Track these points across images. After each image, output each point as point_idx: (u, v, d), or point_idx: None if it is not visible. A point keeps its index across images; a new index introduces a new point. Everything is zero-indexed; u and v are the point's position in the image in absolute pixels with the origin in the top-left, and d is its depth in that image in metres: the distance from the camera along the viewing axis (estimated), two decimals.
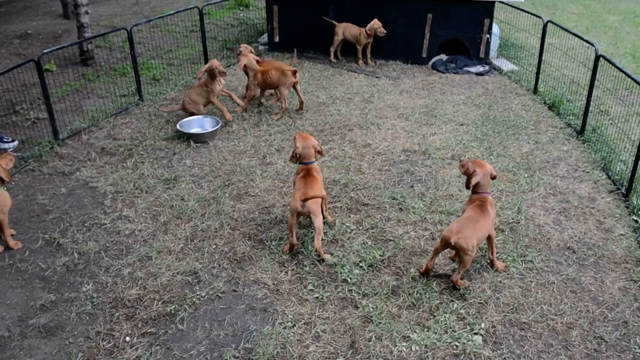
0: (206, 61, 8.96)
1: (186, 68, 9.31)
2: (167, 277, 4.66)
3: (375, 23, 8.79)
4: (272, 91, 7.77)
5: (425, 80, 8.70)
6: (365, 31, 8.90)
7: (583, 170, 6.22)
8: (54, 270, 4.79)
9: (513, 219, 5.32)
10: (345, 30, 9.19)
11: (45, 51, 6.80)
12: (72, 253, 4.97)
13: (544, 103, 7.90)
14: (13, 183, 4.89)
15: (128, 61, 9.32)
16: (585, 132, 6.93)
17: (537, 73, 8.17)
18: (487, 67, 8.99)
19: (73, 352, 3.99)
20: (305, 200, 4.62)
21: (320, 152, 5.03)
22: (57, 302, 4.46)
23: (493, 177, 4.64)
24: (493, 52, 9.33)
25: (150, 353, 3.96)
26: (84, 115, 7.62)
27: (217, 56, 9.72)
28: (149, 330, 4.16)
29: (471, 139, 6.81)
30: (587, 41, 6.98)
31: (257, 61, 7.36)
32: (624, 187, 5.74)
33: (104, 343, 4.05)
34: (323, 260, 4.74)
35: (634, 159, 5.48)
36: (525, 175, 6.07)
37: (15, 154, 6.55)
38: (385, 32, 8.78)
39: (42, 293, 4.56)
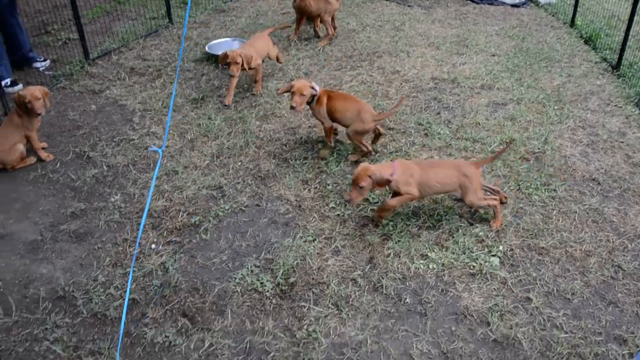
0: None
1: None
2: (193, 190, 4.75)
3: None
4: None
5: (459, 11, 8.52)
6: None
7: (615, 105, 6.10)
8: (84, 181, 4.92)
9: (539, 149, 5.28)
10: None
11: None
12: (102, 166, 5.08)
13: (580, 37, 7.70)
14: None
15: None
16: (622, 66, 6.76)
17: (575, 6, 7.94)
18: None
19: (101, 256, 4.14)
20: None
21: None
22: (86, 211, 4.60)
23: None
24: None
25: (175, 260, 4.09)
26: (114, 36, 7.64)
27: None
28: (173, 239, 4.29)
29: (502, 70, 6.71)
30: None
31: None
32: None
33: (131, 249, 4.18)
34: None
35: None
36: (555, 107, 5.98)
37: (47, 73, 6.67)
38: None
39: (73, 202, 4.70)
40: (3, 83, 6.25)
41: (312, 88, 4.87)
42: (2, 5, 6.29)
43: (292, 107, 4.85)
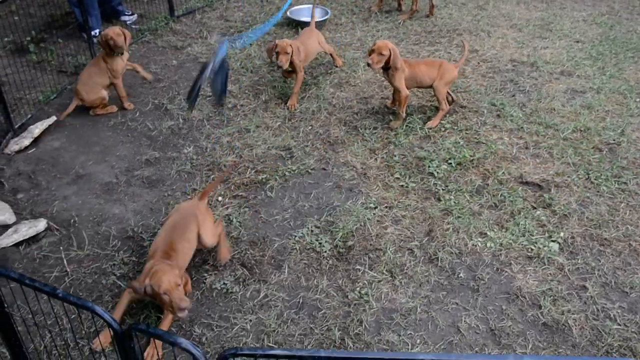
0: None
1: None
2: (263, 149, 4.90)
3: None
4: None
5: None
6: None
7: None
8: (160, 131, 5.14)
9: (614, 140, 5.16)
10: None
11: None
12: (178, 118, 5.29)
13: None
14: (129, 52, 5.24)
15: None
16: None
17: None
18: None
19: (170, 203, 4.35)
20: None
21: None
22: (160, 159, 4.81)
23: None
24: None
25: (239, 213, 4.26)
26: None
27: None
28: (240, 194, 4.45)
29: (584, 57, 6.54)
30: None
31: None
32: None
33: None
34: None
35: None
36: (637, 99, 5.80)
37: (134, 27, 6.92)
38: None
39: (148, 150, 4.92)
40: (93, 33, 6.54)
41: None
42: None
43: (368, 65, 4.89)
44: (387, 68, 4.97)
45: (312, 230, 4.11)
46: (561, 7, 7.88)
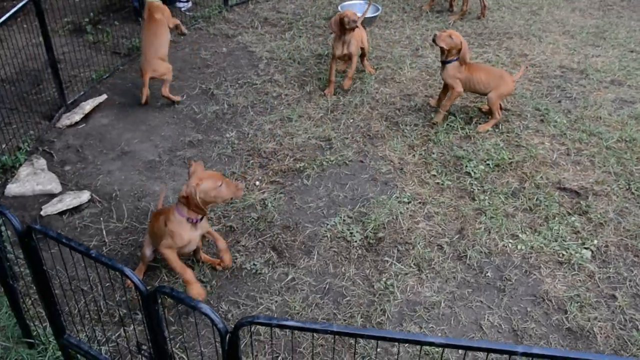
0: None
1: None
2: (303, 138, 4.98)
3: None
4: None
5: (604, 1, 8.15)
6: None
7: None
8: (205, 115, 5.27)
9: None
10: None
11: None
12: (223, 104, 5.42)
13: None
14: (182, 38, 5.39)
15: None
16: None
17: None
18: None
19: None
20: None
21: None
22: (202, 142, 4.95)
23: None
24: None
25: (275, 198, 4.35)
26: None
27: None
28: (277, 180, 4.54)
29: (637, 67, 6.41)
30: None
31: None
32: None
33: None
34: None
35: None
36: None
37: (188, 13, 7.10)
38: None
39: (192, 132, 5.06)
40: None
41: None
42: None
43: (433, 40, 4.95)
44: (446, 62, 4.98)
45: (344, 220, 4.18)
46: (618, 16, 7.73)
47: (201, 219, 3.39)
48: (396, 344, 3.16)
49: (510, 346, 1.95)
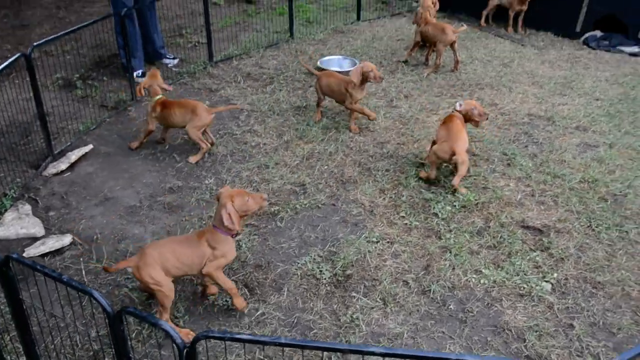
0: (359, 10, 9.43)
1: (339, 14, 9.79)
2: (279, 184, 5.21)
3: None
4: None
5: (572, 54, 8.54)
6: None
7: None
8: (185, 163, 5.52)
9: (620, 191, 5.29)
10: None
11: None
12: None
13: None
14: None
15: (287, 3, 9.94)
16: None
17: None
18: None
19: (186, 227, 4.68)
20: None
21: None
22: (182, 188, 5.18)
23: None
24: None
25: (249, 239, 4.55)
26: (238, 44, 8.37)
27: (370, 7, 10.15)
28: (252, 223, 4.75)
29: (602, 114, 6.72)
30: None
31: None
32: None
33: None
34: (455, 191, 5.12)
35: None
36: None
37: (174, 69, 7.44)
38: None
39: (172, 179, 5.30)
40: (135, 74, 7.07)
41: None
42: (144, 5, 7.11)
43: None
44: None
45: (314, 259, 4.37)
46: (585, 67, 8.10)
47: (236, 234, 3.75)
48: None
49: (445, 354, 2.13)
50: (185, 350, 2.32)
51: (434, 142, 5.28)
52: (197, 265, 3.68)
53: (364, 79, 5.75)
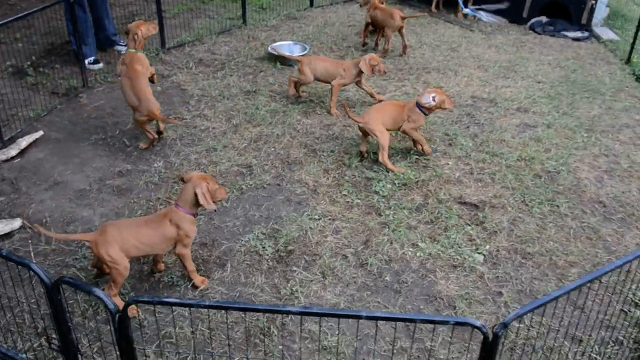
0: None
1: (292, 1, 9.91)
2: (226, 166, 5.36)
3: None
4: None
5: (519, 39, 8.81)
6: None
7: None
8: (135, 147, 5.62)
9: (555, 169, 5.55)
10: None
11: None
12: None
13: (633, 74, 7.84)
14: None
15: None
16: None
17: (633, 43, 8.07)
18: (586, 34, 8.94)
19: (134, 209, 4.80)
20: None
21: None
22: (131, 171, 5.29)
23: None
24: (597, 19, 9.21)
25: (197, 220, 4.68)
26: (191, 31, 8.45)
27: None
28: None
29: (542, 96, 6.99)
30: None
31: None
32: None
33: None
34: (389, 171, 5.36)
35: None
36: (585, 134, 6.21)
37: None
38: None
39: (122, 163, 5.40)
40: (87, 60, 7.13)
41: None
42: None
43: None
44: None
45: (257, 236, 4.53)
46: (530, 52, 8.37)
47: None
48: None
49: (356, 311, 2.31)
50: (117, 315, 2.47)
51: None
52: (158, 244, 3.85)
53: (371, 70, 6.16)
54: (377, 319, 2.30)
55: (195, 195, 3.77)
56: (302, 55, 7.08)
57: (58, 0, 6.48)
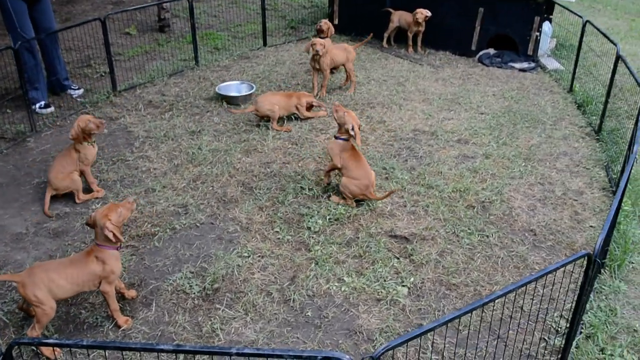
0: (265, 36, 9.76)
1: (247, 41, 10.12)
2: (163, 207, 5.44)
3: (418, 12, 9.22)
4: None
5: (466, 71, 9.03)
6: (415, 19, 9.31)
7: (584, 167, 6.42)
8: None
9: (488, 199, 5.68)
10: (400, 17, 9.65)
11: (109, 13, 7.79)
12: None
13: (575, 102, 8.05)
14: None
15: (199, 31, 10.25)
16: (602, 132, 7.08)
17: (574, 72, 8.31)
18: (532, 64, 9.18)
19: (68, 251, 4.86)
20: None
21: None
22: (69, 214, 5.36)
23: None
24: (542, 50, 9.47)
25: (127, 260, 4.76)
26: (144, 73, 8.60)
27: (279, 33, 10.52)
28: (133, 244, 4.96)
29: (483, 127, 7.15)
30: (611, 41, 7.13)
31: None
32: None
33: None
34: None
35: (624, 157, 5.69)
36: (522, 164, 6.36)
37: (78, 99, 7.62)
38: (426, 16, 9.18)
39: (60, 206, 5.47)
40: (38, 105, 7.24)
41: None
42: (45, 37, 7.27)
43: None
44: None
45: (185, 275, 4.60)
46: (476, 84, 8.58)
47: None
48: None
49: (226, 348, 2.39)
50: (1, 358, 2.53)
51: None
52: (85, 283, 3.94)
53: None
54: (246, 355, 2.38)
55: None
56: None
57: (4, 47, 6.61)
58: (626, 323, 4.31)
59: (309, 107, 7.12)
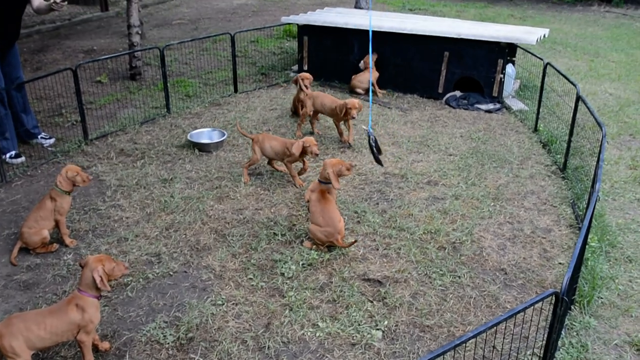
0: (235, 83, 9.88)
1: (218, 88, 10.24)
2: (135, 256, 5.42)
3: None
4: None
5: (434, 114, 9.22)
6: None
7: (551, 205, 6.56)
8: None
9: (459, 239, 5.77)
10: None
11: (80, 62, 7.84)
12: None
13: (540, 141, 8.25)
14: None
15: (171, 78, 10.35)
16: (567, 170, 7.25)
17: (537, 112, 8.54)
18: (498, 105, 9.41)
19: (39, 303, 4.81)
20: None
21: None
22: (40, 265, 5.31)
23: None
24: (507, 91, 9.73)
25: (100, 311, 4.71)
26: (116, 121, 8.63)
27: (250, 79, 10.66)
28: (105, 295, 4.92)
29: (452, 168, 7.29)
30: (571, 82, 7.37)
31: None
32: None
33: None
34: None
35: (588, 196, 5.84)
36: (491, 203, 6.49)
37: (50, 149, 7.61)
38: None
39: (31, 257, 5.43)
40: (8, 155, 7.21)
41: None
42: (10, 87, 7.28)
43: None
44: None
45: (159, 325, 4.57)
46: (443, 126, 8.76)
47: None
48: None
49: None
50: None
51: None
52: (67, 332, 3.96)
53: (304, 152, 6.45)
54: None
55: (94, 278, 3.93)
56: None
57: None
58: (597, 358, 4.38)
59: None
